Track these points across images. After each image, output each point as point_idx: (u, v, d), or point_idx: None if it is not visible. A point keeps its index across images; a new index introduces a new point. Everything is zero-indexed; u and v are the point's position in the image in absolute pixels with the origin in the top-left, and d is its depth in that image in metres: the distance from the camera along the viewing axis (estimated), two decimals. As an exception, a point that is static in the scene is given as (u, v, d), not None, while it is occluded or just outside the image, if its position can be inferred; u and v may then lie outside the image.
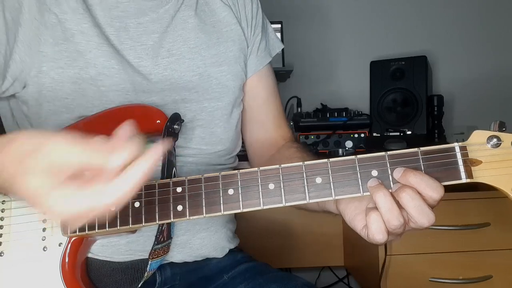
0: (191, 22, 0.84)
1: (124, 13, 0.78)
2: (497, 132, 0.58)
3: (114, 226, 0.63)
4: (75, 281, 0.69)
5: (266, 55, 0.93)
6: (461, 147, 0.58)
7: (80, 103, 0.74)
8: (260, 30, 0.92)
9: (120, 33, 0.77)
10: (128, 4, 0.78)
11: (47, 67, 0.72)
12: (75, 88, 0.73)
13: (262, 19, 0.94)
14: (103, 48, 0.75)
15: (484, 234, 1.26)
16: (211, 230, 0.84)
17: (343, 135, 1.61)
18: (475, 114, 1.94)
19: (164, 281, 0.81)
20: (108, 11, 0.77)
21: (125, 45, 0.77)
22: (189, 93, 0.81)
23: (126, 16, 0.78)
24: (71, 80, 0.73)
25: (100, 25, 0.76)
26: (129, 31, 0.78)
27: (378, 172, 0.58)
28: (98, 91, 0.74)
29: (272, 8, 1.93)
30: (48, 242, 0.69)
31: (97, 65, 0.74)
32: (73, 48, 0.73)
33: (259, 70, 0.92)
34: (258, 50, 0.91)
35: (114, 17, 0.77)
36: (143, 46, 0.78)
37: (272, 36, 0.97)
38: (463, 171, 0.57)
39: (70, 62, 0.73)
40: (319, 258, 1.68)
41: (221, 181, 0.61)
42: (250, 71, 0.91)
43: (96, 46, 0.74)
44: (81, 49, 0.74)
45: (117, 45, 0.76)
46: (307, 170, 0.59)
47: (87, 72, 0.74)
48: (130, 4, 0.78)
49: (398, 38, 1.97)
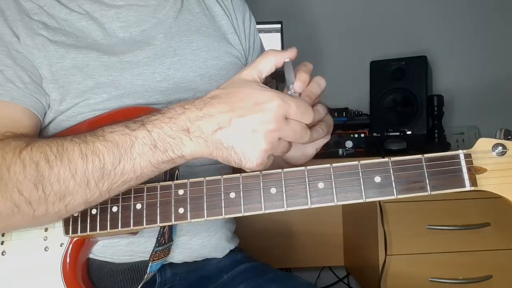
0: (193, 25, 0.85)
1: (126, 23, 0.79)
2: (502, 140, 0.57)
3: (115, 227, 0.64)
4: (75, 282, 0.69)
5: None
6: (466, 154, 0.58)
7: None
8: (259, 48, 0.96)
9: (125, 41, 0.78)
10: (127, 13, 0.79)
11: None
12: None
13: (260, 39, 0.98)
14: (103, 59, 0.75)
15: (484, 234, 1.25)
16: (211, 231, 0.84)
17: (343, 135, 1.60)
18: (475, 114, 1.94)
19: (164, 281, 0.81)
20: (110, 24, 0.78)
21: (130, 50, 0.78)
22: (191, 94, 0.81)
23: (128, 26, 0.79)
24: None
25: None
26: (135, 38, 0.79)
27: (381, 178, 0.58)
28: (100, 97, 0.75)
29: (272, 8, 1.93)
30: (50, 242, 0.69)
31: (94, 76, 0.75)
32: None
33: None
34: None
35: (117, 28, 0.78)
36: (151, 46, 0.79)
37: None
38: (467, 178, 0.57)
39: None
40: (319, 258, 1.68)
41: (223, 185, 0.61)
42: None
43: (96, 58, 0.75)
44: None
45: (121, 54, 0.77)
46: (309, 174, 0.59)
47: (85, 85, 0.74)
48: (130, 13, 0.79)
49: (398, 38, 1.97)
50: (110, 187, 0.59)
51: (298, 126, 0.57)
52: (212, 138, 0.56)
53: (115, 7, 0.79)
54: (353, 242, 1.59)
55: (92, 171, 0.58)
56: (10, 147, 0.60)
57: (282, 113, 0.55)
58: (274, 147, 0.56)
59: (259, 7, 1.79)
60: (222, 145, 0.56)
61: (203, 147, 0.57)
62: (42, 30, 0.73)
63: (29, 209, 0.58)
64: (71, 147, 0.59)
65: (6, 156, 0.59)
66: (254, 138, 0.55)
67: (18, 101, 0.70)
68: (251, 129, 0.55)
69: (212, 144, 0.57)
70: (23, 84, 0.70)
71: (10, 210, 0.58)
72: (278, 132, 0.55)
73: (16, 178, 0.57)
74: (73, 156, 0.58)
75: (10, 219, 0.59)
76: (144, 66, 0.78)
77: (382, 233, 1.25)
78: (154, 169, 0.59)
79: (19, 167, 0.58)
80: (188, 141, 0.57)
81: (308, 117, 0.57)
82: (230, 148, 0.56)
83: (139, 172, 0.59)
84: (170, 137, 0.57)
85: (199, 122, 0.57)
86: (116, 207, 0.64)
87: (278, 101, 0.55)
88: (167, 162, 0.59)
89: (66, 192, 0.58)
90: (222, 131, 0.56)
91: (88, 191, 0.59)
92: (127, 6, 0.80)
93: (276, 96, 0.56)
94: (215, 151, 0.57)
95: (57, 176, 0.57)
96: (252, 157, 0.56)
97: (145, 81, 0.77)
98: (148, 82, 0.78)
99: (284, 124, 0.56)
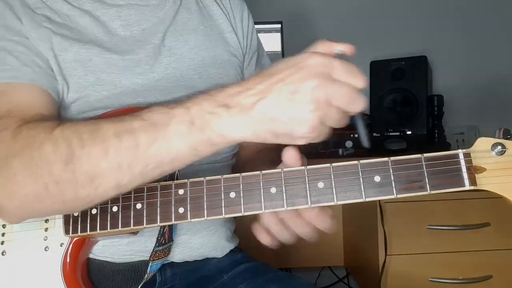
0: (191, 24, 0.85)
1: (127, 22, 0.79)
2: (502, 139, 0.57)
3: (115, 227, 0.64)
4: (75, 282, 0.69)
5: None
6: (465, 154, 0.57)
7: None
8: (256, 47, 0.96)
9: (126, 39, 0.78)
10: (128, 12, 0.79)
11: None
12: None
13: (257, 38, 0.97)
14: (105, 55, 0.75)
15: (484, 234, 1.25)
16: (211, 230, 0.84)
17: (343, 135, 1.60)
18: (475, 114, 1.94)
19: (164, 281, 0.81)
20: (111, 22, 0.78)
21: (131, 49, 0.78)
22: (191, 92, 0.81)
23: (128, 24, 0.79)
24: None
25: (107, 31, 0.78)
26: (136, 37, 0.79)
27: (380, 177, 0.58)
28: (99, 94, 0.75)
29: (272, 8, 1.93)
30: (50, 242, 0.69)
31: (96, 71, 0.75)
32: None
33: None
34: (256, 65, 0.95)
35: (118, 26, 0.78)
36: (151, 45, 0.80)
37: (265, 55, 1.01)
38: (466, 178, 0.57)
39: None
40: (319, 258, 1.68)
41: (223, 184, 0.61)
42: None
43: (98, 54, 0.75)
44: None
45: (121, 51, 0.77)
46: (309, 174, 0.59)
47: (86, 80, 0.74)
48: (131, 12, 0.80)
49: (398, 38, 1.97)
50: (143, 170, 0.56)
51: (346, 87, 0.51)
52: (253, 113, 0.51)
53: (116, 6, 0.79)
54: (353, 242, 1.59)
55: (125, 150, 0.55)
56: (42, 126, 0.58)
57: (325, 70, 0.51)
58: (323, 108, 0.50)
59: (259, 7, 1.79)
60: (266, 116, 0.51)
61: (244, 124, 0.52)
62: (46, 22, 0.73)
63: (58, 192, 0.56)
64: (106, 126, 0.56)
65: (37, 136, 0.57)
66: (298, 99, 0.50)
67: (38, 83, 0.69)
68: (293, 89, 0.50)
69: (254, 119, 0.52)
70: (39, 68, 0.70)
71: (40, 193, 0.56)
72: (322, 88, 0.50)
73: (46, 158, 0.55)
74: (107, 134, 0.55)
75: (40, 203, 0.58)
76: (144, 65, 0.78)
77: (382, 233, 1.25)
78: (191, 152, 0.55)
79: (50, 145, 0.56)
80: (228, 118, 0.52)
81: (356, 79, 0.52)
82: (276, 118, 0.51)
83: (174, 153, 0.55)
84: (208, 113, 0.53)
85: (237, 97, 0.52)
86: (116, 206, 0.64)
87: (318, 56, 0.51)
88: (205, 142, 0.54)
89: (96, 173, 0.55)
90: (262, 101, 0.51)
91: (120, 173, 0.55)
92: (128, 5, 0.80)
93: (316, 53, 0.52)
94: (259, 127, 0.52)
95: (89, 156, 0.55)
96: (301, 121, 0.50)
97: (144, 80, 0.78)
98: (147, 81, 0.78)
99: (329, 80, 0.50)
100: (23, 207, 0.59)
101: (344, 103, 0.51)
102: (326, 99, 0.50)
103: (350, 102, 0.51)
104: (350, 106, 0.52)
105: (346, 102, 0.51)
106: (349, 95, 0.51)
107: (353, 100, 0.51)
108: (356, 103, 0.52)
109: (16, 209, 0.59)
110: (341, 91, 0.50)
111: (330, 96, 0.50)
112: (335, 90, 0.50)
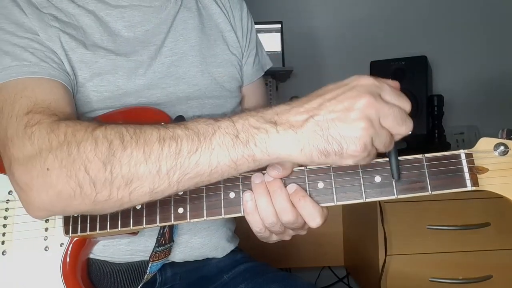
0: (191, 23, 0.86)
1: (130, 23, 0.79)
2: (504, 139, 0.57)
3: (115, 227, 0.63)
4: (75, 282, 0.69)
5: (259, 69, 0.98)
6: (467, 154, 0.57)
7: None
8: (254, 45, 0.96)
9: (129, 40, 0.78)
10: (132, 13, 0.79)
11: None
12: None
13: (256, 37, 0.98)
14: (111, 57, 0.76)
15: (484, 234, 1.26)
16: (211, 230, 0.84)
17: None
18: (475, 114, 1.94)
19: (165, 281, 0.81)
20: (115, 23, 0.78)
21: (135, 50, 0.78)
22: (192, 90, 0.82)
23: (132, 25, 0.79)
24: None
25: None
26: (139, 38, 0.79)
27: (381, 178, 0.58)
28: (100, 95, 0.75)
29: (272, 8, 1.93)
30: (50, 242, 0.69)
31: (101, 73, 0.75)
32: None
33: (253, 82, 0.96)
34: (253, 63, 0.95)
35: (121, 27, 0.78)
36: (154, 46, 0.80)
37: (265, 54, 1.02)
38: (468, 178, 0.56)
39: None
40: (319, 258, 1.67)
41: (223, 185, 0.61)
42: (246, 80, 0.94)
43: (104, 56, 0.75)
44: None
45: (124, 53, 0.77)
46: (309, 174, 0.59)
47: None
48: (134, 13, 0.80)
49: (398, 38, 1.96)
50: (181, 178, 0.55)
51: (396, 108, 0.52)
52: (303, 130, 0.51)
53: (120, 7, 0.79)
54: (353, 242, 1.59)
55: (166, 156, 0.54)
56: (82, 125, 0.57)
57: (376, 90, 0.51)
58: (374, 126, 0.50)
59: (259, 7, 1.79)
60: (317, 134, 0.51)
61: (292, 140, 0.51)
62: (53, 21, 0.72)
63: (91, 191, 0.55)
64: (149, 130, 0.56)
65: (77, 133, 0.56)
66: (349, 116, 0.50)
67: (58, 79, 0.68)
68: (346, 106, 0.50)
69: (304, 136, 0.51)
70: (56, 64, 0.69)
71: (72, 191, 0.55)
72: (375, 106, 0.50)
73: (85, 156, 0.54)
74: (151, 138, 0.55)
75: (71, 201, 0.56)
76: (146, 66, 0.78)
77: (382, 233, 1.25)
78: (231, 165, 0.54)
79: (90, 144, 0.55)
80: (274, 134, 0.52)
81: (405, 102, 0.53)
82: (326, 136, 0.51)
83: (215, 165, 0.53)
84: (254, 128, 0.53)
85: (287, 114, 0.52)
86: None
87: (369, 77, 0.52)
88: (247, 158, 0.53)
89: (134, 176, 0.54)
90: (313, 119, 0.51)
91: (158, 179, 0.54)
92: (131, 6, 0.80)
93: (365, 75, 0.53)
94: (308, 145, 0.51)
95: (129, 158, 0.54)
96: (353, 139, 0.50)
97: (147, 80, 0.78)
98: (149, 81, 0.78)
99: (380, 100, 0.51)
100: (53, 204, 0.58)
101: (394, 124, 0.52)
102: (378, 118, 0.51)
103: (400, 123, 0.52)
104: (399, 127, 0.52)
105: (396, 122, 0.52)
106: (399, 116, 0.52)
107: (402, 122, 0.52)
108: (405, 124, 0.52)
109: (45, 204, 0.58)
110: (392, 111, 0.51)
111: (381, 115, 0.51)
112: (387, 110, 0.51)
